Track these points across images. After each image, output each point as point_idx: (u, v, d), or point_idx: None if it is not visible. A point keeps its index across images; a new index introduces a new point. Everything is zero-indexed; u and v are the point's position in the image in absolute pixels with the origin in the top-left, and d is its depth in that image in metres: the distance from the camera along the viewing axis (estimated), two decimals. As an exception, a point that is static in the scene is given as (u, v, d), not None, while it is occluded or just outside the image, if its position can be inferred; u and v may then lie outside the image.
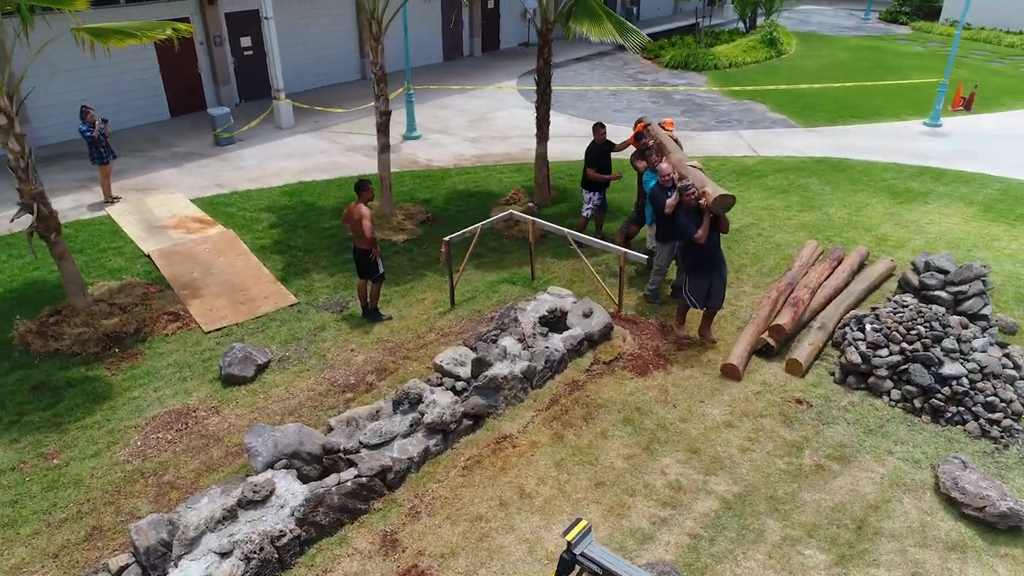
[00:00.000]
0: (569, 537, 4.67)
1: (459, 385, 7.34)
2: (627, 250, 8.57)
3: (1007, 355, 7.21)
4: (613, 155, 10.40)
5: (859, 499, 6.10)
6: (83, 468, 6.65)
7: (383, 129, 11.23)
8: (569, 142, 15.22)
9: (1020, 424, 6.80)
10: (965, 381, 6.88)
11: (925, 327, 7.23)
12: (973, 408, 6.81)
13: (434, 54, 22.03)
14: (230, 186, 13.07)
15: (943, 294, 8.01)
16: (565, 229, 9.14)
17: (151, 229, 11.38)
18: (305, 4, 18.16)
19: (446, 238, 8.88)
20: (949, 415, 6.88)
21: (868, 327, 7.53)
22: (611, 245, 8.89)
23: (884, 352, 7.28)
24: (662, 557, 5.58)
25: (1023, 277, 9.45)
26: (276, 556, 5.44)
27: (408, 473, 6.39)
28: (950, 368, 6.94)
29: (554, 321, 8.38)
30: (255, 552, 5.31)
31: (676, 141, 9.20)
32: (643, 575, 4.51)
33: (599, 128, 10.24)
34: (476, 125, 16.77)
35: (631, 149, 9.92)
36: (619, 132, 15.73)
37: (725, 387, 7.55)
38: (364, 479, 6.04)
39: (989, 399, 6.79)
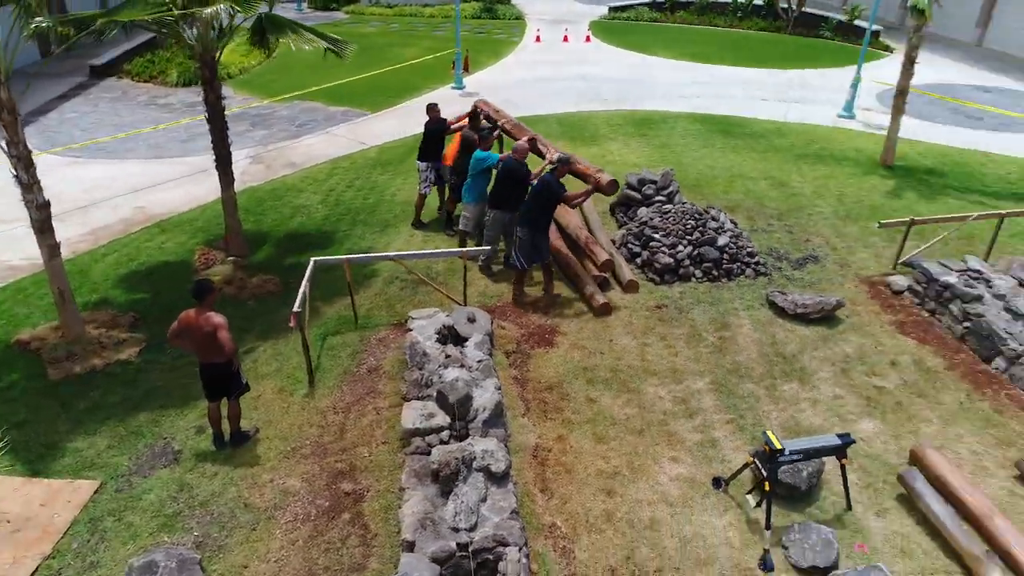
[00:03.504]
0: (778, 446, 5.59)
1: (444, 435, 6.91)
2: (466, 249, 8.84)
3: (730, 220, 10.34)
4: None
5: (763, 344, 8.37)
6: None
7: (45, 228, 8.35)
8: (191, 184, 13.47)
9: (761, 259, 10.01)
10: (732, 245, 9.71)
11: (692, 220, 9.78)
12: (744, 260, 9.72)
13: None
14: None
15: (661, 197, 10.72)
16: (389, 253, 8.78)
17: None
18: None
19: (295, 309, 7.63)
20: (735, 271, 9.66)
21: (657, 235, 9.73)
22: (443, 251, 8.96)
23: (680, 248, 9.61)
24: (741, 446, 6.87)
25: (640, 166, 12.99)
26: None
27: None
28: (722, 240, 9.68)
29: (445, 339, 8.27)
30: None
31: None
32: (831, 440, 5.80)
33: (434, 108, 11.07)
34: (37, 201, 13.00)
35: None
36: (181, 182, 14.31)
37: (610, 323, 8.86)
38: (517, 547, 5.57)
39: (747, 251, 9.79)
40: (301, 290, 8.01)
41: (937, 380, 7.84)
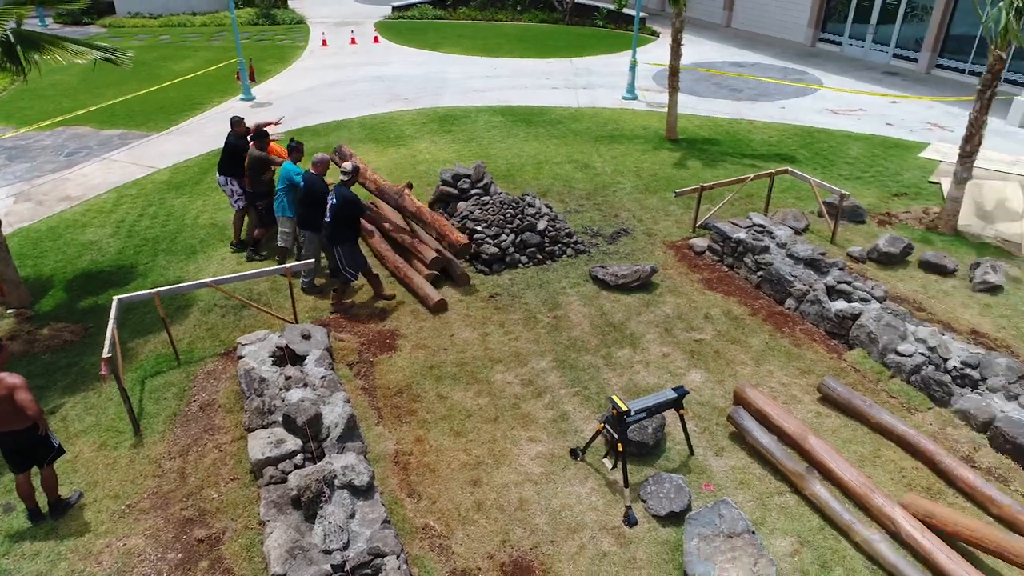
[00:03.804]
0: (624, 408, 5.98)
1: (298, 459, 6.63)
2: (290, 264, 8.46)
3: (545, 204, 10.78)
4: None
5: (593, 317, 8.86)
6: None
7: None
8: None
9: (578, 238, 10.57)
10: (551, 228, 10.16)
11: (511, 209, 10.08)
12: (564, 241, 10.21)
13: None
14: None
15: (477, 190, 10.93)
16: (204, 280, 8.15)
17: None
18: None
19: (105, 355, 6.86)
20: (557, 253, 10.12)
21: (480, 227, 9.93)
22: (264, 269, 8.47)
23: (503, 236, 9.88)
24: (590, 415, 7.25)
25: (451, 163, 13.25)
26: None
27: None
28: (541, 224, 10.09)
29: (282, 360, 7.87)
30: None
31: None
32: (668, 394, 6.29)
33: (239, 122, 10.19)
34: None
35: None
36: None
37: (448, 318, 8.91)
38: (395, 555, 5.48)
39: (565, 232, 10.29)
40: (108, 333, 7.23)
41: (744, 326, 8.79)
